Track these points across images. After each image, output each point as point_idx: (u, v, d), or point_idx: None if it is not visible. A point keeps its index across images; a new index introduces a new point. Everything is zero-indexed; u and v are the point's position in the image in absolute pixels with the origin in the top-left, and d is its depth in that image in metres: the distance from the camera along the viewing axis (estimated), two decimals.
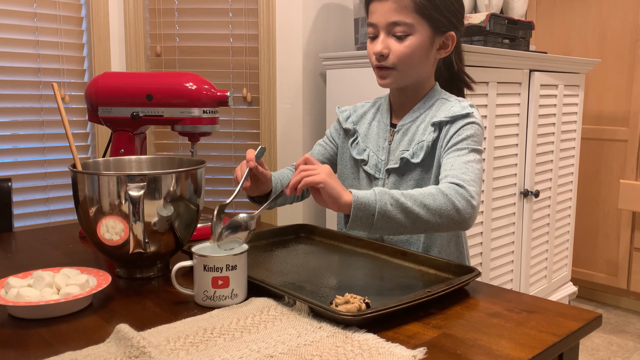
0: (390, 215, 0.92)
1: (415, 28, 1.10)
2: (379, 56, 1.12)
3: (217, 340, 0.73)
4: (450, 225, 0.97)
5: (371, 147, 1.22)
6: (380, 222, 0.92)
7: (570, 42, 3.07)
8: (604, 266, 3.02)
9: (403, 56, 1.11)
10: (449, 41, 1.15)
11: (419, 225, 0.95)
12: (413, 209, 0.94)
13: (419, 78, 1.17)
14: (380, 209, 0.92)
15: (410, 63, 1.12)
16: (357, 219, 0.91)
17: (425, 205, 0.95)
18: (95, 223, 0.93)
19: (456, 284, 0.90)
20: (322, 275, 0.99)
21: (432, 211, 0.95)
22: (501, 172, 2.12)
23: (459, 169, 1.03)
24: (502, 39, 2.10)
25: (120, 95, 1.26)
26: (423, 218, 0.94)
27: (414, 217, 0.94)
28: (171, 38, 2.06)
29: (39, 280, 0.85)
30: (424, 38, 1.11)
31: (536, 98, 2.21)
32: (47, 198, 1.90)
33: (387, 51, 1.11)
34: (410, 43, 1.10)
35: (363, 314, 0.76)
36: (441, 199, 0.96)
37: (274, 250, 1.14)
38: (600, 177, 3.00)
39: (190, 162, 1.08)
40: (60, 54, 1.89)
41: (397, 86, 1.18)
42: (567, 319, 0.82)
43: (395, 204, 0.93)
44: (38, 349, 0.72)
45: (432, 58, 1.15)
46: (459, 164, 1.04)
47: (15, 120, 1.82)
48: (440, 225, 0.96)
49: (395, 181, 1.17)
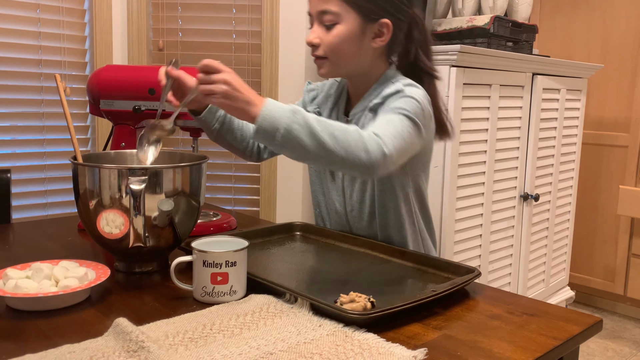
0: (295, 134, 0.88)
1: (342, 16, 1.08)
2: (311, 46, 1.12)
3: (217, 336, 0.72)
4: (355, 165, 0.92)
5: None
6: (284, 139, 0.89)
7: (573, 46, 3.07)
8: (601, 271, 3.02)
9: (331, 45, 1.09)
10: (383, 29, 1.11)
11: (323, 154, 0.90)
12: (321, 135, 0.89)
13: (359, 67, 1.14)
14: (287, 126, 0.88)
15: (341, 53, 1.10)
16: (261, 129, 0.88)
17: (334, 136, 0.90)
18: (95, 216, 0.92)
19: (460, 283, 0.89)
20: (320, 273, 0.99)
21: (340, 143, 0.90)
22: (502, 175, 2.11)
23: (379, 125, 0.99)
24: (505, 42, 2.09)
25: (122, 88, 1.25)
26: (328, 147, 0.90)
27: (319, 143, 0.89)
28: (174, 33, 2.05)
29: (38, 272, 0.84)
30: (352, 27, 1.08)
31: (538, 102, 2.21)
32: (45, 190, 1.89)
33: (318, 41, 1.10)
34: (338, 32, 1.08)
35: (370, 313, 0.76)
36: (354, 136, 0.92)
37: (270, 248, 1.13)
38: (600, 182, 3.00)
39: (191, 157, 1.08)
40: (62, 46, 1.88)
41: (334, 75, 1.16)
42: (568, 323, 0.82)
43: (303, 125, 0.89)
44: (36, 341, 0.71)
45: (366, 47, 1.11)
46: (382, 121, 1.00)
47: (15, 111, 1.81)
48: (345, 160, 0.91)
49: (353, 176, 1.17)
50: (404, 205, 1.17)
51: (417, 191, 1.20)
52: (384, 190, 1.15)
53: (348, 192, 1.20)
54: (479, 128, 1.96)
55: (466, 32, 2.04)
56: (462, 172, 1.92)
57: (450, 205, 1.88)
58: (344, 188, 1.21)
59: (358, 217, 1.20)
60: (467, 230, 1.99)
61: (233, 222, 1.33)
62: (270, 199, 2.14)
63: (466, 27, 2.04)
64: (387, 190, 1.15)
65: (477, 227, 2.03)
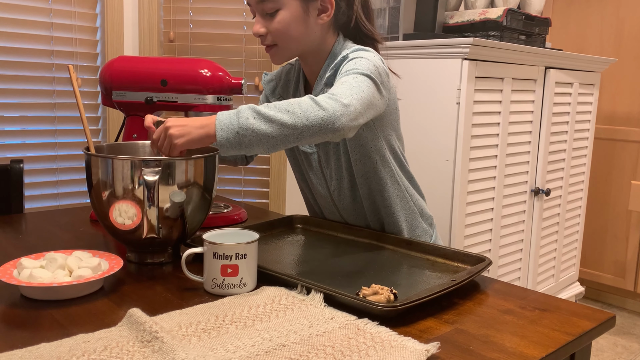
0: (254, 128, 0.90)
1: (282, 2, 1.08)
2: (259, 36, 1.13)
3: (229, 327, 0.72)
4: (321, 126, 0.92)
5: None
6: (247, 137, 0.91)
7: (586, 40, 3.04)
8: (611, 267, 3.00)
9: (278, 32, 1.10)
10: (326, 4, 1.11)
11: (287, 132, 0.91)
12: (276, 116, 0.91)
13: (310, 46, 1.14)
14: (243, 124, 0.90)
15: (289, 37, 1.11)
16: (224, 140, 0.91)
17: (289, 111, 0.92)
18: (108, 207, 0.93)
19: (476, 272, 0.89)
20: (328, 266, 0.99)
21: (297, 115, 0.91)
22: (513, 170, 2.10)
23: (333, 89, 0.99)
24: (518, 35, 2.07)
25: (134, 79, 1.25)
26: (288, 123, 0.91)
27: (279, 124, 0.91)
28: (185, 24, 2.05)
29: (52, 262, 0.85)
30: (294, 9, 1.09)
31: (551, 95, 2.19)
32: (57, 181, 1.90)
33: (264, 30, 1.11)
34: (282, 18, 1.09)
35: (397, 306, 0.75)
36: (307, 102, 0.93)
37: (273, 242, 1.13)
38: (612, 177, 2.98)
39: (203, 149, 1.08)
40: (73, 37, 1.88)
41: (288, 59, 1.17)
42: (581, 319, 0.81)
43: (257, 116, 0.91)
44: (50, 330, 0.72)
45: (313, 25, 1.12)
46: (335, 86, 1.00)
47: (27, 102, 1.82)
48: (310, 127, 0.91)
49: (325, 152, 1.19)
50: (383, 168, 1.17)
51: (393, 152, 1.20)
52: (359, 159, 1.16)
53: (327, 172, 1.22)
54: (490, 122, 1.95)
55: (479, 25, 2.02)
56: (473, 166, 1.92)
57: (460, 199, 1.87)
58: (323, 170, 1.22)
59: (340, 193, 1.22)
60: (478, 225, 1.99)
61: (244, 214, 1.33)
62: (280, 192, 2.14)
63: (478, 19, 2.02)
64: (362, 159, 1.16)
65: (488, 221, 2.02)
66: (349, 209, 1.23)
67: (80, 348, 0.66)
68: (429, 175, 1.92)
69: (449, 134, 1.86)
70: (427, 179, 1.92)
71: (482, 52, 1.82)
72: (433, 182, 1.91)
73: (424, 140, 1.93)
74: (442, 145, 1.88)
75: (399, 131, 1.22)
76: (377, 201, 1.20)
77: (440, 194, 1.90)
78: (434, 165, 1.90)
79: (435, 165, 1.90)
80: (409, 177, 1.26)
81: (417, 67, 1.93)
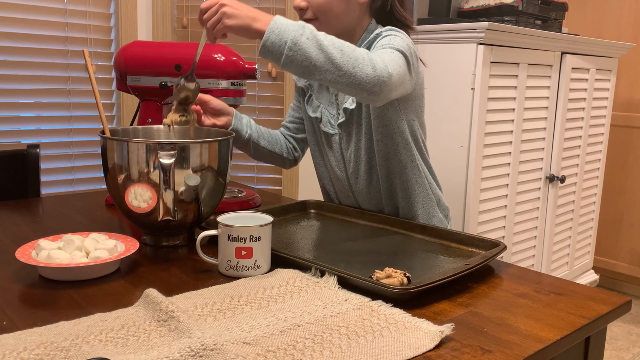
0: (303, 47, 0.89)
1: None
2: (299, 10, 1.14)
3: (244, 308, 0.73)
4: (362, 81, 0.92)
5: (323, 102, 1.24)
6: (291, 51, 0.89)
7: (604, 25, 2.99)
8: (626, 256, 2.97)
9: (320, 7, 1.12)
10: None
11: (330, 68, 0.90)
12: (329, 49, 0.90)
13: (347, 25, 1.16)
14: (295, 38, 0.89)
15: (330, 12, 1.12)
16: (268, 43, 0.90)
17: (342, 50, 0.91)
18: (123, 190, 0.93)
19: (490, 256, 0.89)
20: (342, 250, 0.99)
21: (347, 58, 0.91)
22: (528, 156, 2.09)
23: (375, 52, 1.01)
24: (534, 20, 2.05)
25: (149, 64, 1.26)
26: (336, 61, 0.90)
27: (327, 57, 0.90)
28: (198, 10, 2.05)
29: (69, 244, 0.86)
30: None
31: (567, 81, 2.17)
32: (72, 167, 1.92)
33: (305, 4, 1.12)
34: None
35: (410, 288, 0.75)
36: (362, 54, 0.93)
37: (287, 226, 1.13)
38: (628, 165, 2.94)
39: (217, 133, 1.08)
40: (88, 24, 1.89)
41: None
42: (596, 303, 0.81)
43: (312, 39, 0.90)
44: (69, 309, 0.73)
45: (353, 3, 1.13)
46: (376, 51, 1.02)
47: (42, 88, 1.84)
48: (352, 77, 0.91)
49: (347, 133, 1.20)
50: (404, 151, 1.18)
51: (414, 138, 1.21)
52: (381, 139, 1.16)
53: (346, 154, 1.22)
54: (505, 107, 1.93)
55: (494, 10, 2.00)
56: (488, 152, 1.90)
57: (475, 186, 1.86)
58: (342, 151, 1.23)
59: (357, 176, 1.22)
60: (492, 211, 1.98)
61: (258, 199, 1.34)
62: (293, 178, 2.15)
63: (494, 4, 2.00)
64: (384, 139, 1.16)
65: (502, 208, 2.01)
66: (364, 192, 1.23)
67: (98, 326, 0.67)
68: (443, 162, 1.91)
69: (464, 120, 1.84)
70: (441, 165, 1.91)
71: (497, 37, 1.80)
72: (447, 168, 1.90)
73: (438, 126, 1.92)
74: (456, 131, 1.87)
75: (422, 119, 1.23)
76: (394, 184, 1.20)
77: (454, 180, 1.89)
78: (448, 151, 1.89)
79: (450, 151, 1.89)
80: (429, 166, 1.26)
81: (431, 52, 1.91)
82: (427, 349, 0.64)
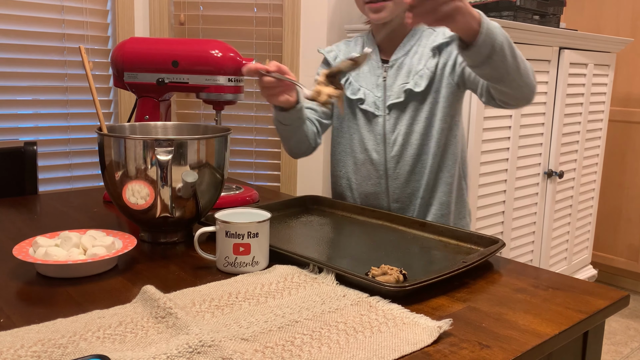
0: (504, 53, 0.93)
1: None
2: None
3: (242, 304, 0.73)
4: (526, 89, 1.00)
5: (365, 85, 1.24)
6: (496, 55, 0.92)
7: (602, 20, 2.99)
8: (625, 251, 2.98)
9: None
10: None
11: (512, 73, 0.96)
12: (519, 57, 0.96)
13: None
14: (501, 44, 0.92)
15: None
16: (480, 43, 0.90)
17: (523, 61, 0.98)
18: (121, 187, 0.93)
19: (488, 254, 0.89)
20: (341, 246, 0.99)
21: (525, 68, 0.98)
22: (526, 152, 2.08)
23: None
24: (532, 15, 2.04)
25: (146, 60, 1.25)
26: (520, 69, 0.97)
27: (515, 64, 0.96)
28: (195, 6, 2.04)
29: (66, 241, 0.86)
30: None
31: (565, 76, 2.16)
32: (69, 164, 1.91)
33: None
34: None
35: (405, 286, 0.75)
36: (530, 67, 1.01)
37: (286, 221, 1.13)
38: (626, 160, 2.94)
39: (215, 130, 1.08)
40: (84, 20, 1.88)
41: (389, 19, 1.18)
42: (594, 297, 0.81)
43: (508, 45, 0.94)
44: (66, 307, 0.73)
45: None
46: None
47: (39, 85, 1.83)
48: (530, 87, 1.00)
49: (397, 116, 1.21)
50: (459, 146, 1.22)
51: (462, 137, 1.25)
52: (446, 127, 1.19)
53: (390, 137, 1.22)
54: None
55: (492, 5, 1.99)
56: (486, 148, 1.90)
57: (473, 181, 1.86)
58: (386, 134, 1.23)
59: (400, 160, 1.22)
60: (490, 207, 1.98)
61: (255, 195, 1.34)
62: (291, 175, 2.14)
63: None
64: (445, 130, 1.19)
65: (500, 203, 2.01)
66: (402, 179, 1.23)
67: (96, 323, 0.67)
68: None
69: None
70: None
71: None
72: None
73: None
74: None
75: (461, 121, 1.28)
76: (441, 177, 1.21)
77: None
78: None
79: None
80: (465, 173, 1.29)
81: None
82: (426, 344, 0.64)
